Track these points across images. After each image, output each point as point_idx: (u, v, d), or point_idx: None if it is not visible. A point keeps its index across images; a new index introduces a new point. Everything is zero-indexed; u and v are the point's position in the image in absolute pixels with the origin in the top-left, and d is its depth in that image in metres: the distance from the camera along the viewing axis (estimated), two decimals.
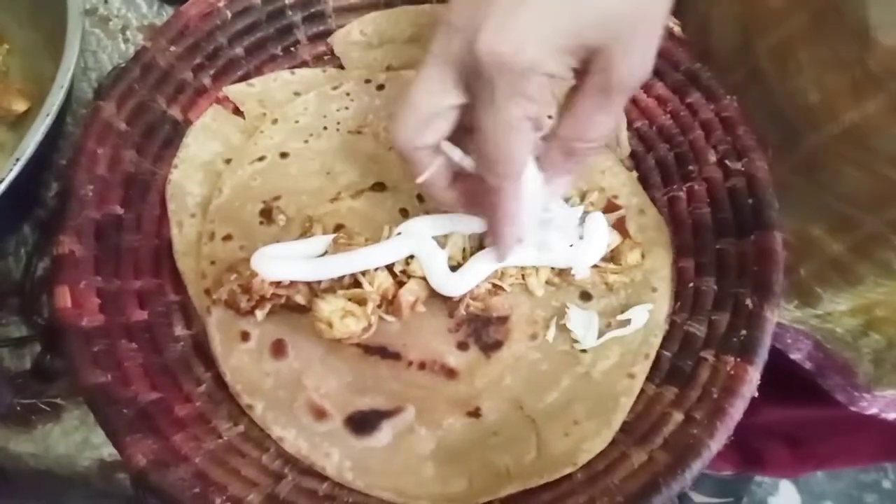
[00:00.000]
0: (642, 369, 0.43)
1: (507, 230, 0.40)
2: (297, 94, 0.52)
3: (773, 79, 0.48)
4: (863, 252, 0.49)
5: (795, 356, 0.57)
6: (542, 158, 0.38)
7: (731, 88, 0.49)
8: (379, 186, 0.49)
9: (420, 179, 0.40)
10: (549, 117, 0.41)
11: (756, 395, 0.40)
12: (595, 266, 0.45)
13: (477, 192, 0.40)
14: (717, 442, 0.38)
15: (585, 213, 0.46)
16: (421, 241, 0.44)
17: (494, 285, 0.45)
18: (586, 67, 0.34)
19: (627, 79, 0.34)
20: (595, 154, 0.37)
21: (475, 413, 0.42)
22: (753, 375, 0.40)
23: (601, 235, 0.45)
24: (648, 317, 0.44)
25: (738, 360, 0.41)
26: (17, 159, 0.42)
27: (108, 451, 0.48)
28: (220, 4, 0.51)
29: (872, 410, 0.59)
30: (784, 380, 0.51)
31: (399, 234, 0.44)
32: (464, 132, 0.38)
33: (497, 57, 0.32)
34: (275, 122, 0.51)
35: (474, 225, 0.45)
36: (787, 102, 0.48)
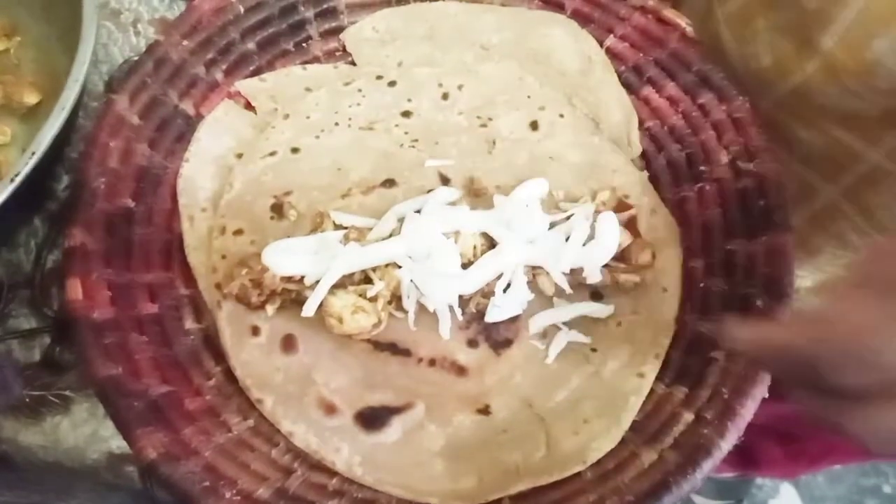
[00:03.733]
0: (652, 369, 0.43)
1: None
2: (308, 89, 0.52)
3: (730, 44, 0.51)
4: (819, 224, 0.50)
5: None
6: None
7: None
8: (389, 183, 0.49)
9: None
10: None
11: (766, 395, 0.40)
12: (606, 265, 0.45)
13: None
14: (728, 442, 0.39)
15: (596, 212, 0.46)
16: (432, 238, 0.44)
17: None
18: None
19: None
20: None
21: (485, 410, 0.42)
22: (764, 376, 0.40)
23: (612, 235, 0.45)
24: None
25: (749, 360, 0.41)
26: (33, 153, 0.42)
27: (117, 444, 0.48)
28: None
29: None
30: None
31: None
32: None
33: None
34: (286, 117, 0.51)
35: (484, 222, 0.45)
36: (742, 67, 0.50)
